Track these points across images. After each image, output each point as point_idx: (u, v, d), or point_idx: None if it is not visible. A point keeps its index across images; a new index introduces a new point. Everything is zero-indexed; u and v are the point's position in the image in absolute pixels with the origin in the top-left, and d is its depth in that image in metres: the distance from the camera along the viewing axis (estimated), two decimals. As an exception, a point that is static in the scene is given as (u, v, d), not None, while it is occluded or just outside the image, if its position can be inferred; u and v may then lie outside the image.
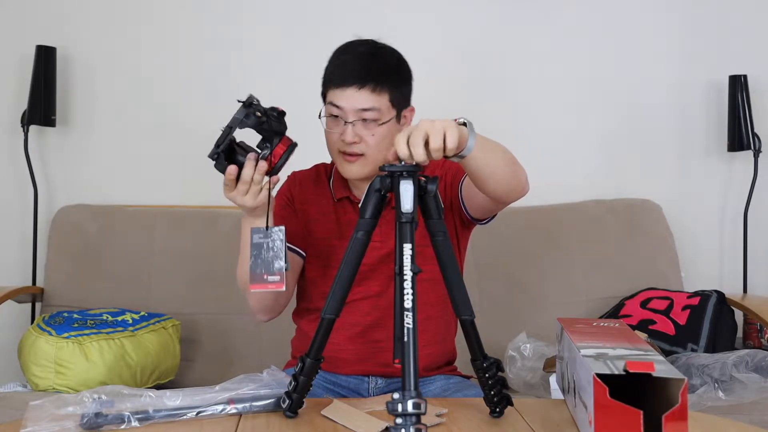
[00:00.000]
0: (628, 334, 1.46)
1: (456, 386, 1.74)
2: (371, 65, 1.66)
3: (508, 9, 2.91)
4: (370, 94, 1.64)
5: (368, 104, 1.64)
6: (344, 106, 1.64)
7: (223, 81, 2.84)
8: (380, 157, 1.66)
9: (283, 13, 2.87)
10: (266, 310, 1.73)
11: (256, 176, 1.48)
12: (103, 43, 2.84)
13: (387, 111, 1.67)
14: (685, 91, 2.97)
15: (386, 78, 1.66)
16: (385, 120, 1.66)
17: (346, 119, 1.65)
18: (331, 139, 1.69)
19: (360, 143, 1.65)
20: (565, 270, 2.67)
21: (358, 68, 1.65)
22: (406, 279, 1.23)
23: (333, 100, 1.66)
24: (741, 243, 2.90)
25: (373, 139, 1.65)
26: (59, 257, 2.61)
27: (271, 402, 1.42)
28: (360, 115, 1.64)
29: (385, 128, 1.67)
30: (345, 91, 1.64)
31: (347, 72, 1.65)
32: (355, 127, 1.65)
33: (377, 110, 1.65)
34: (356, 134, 1.65)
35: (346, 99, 1.64)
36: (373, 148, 1.66)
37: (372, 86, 1.64)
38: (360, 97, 1.64)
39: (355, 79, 1.64)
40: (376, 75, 1.65)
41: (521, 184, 1.60)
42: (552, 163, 2.92)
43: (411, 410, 1.14)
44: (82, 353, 2.16)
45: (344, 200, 1.76)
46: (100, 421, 1.32)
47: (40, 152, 2.81)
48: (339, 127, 1.66)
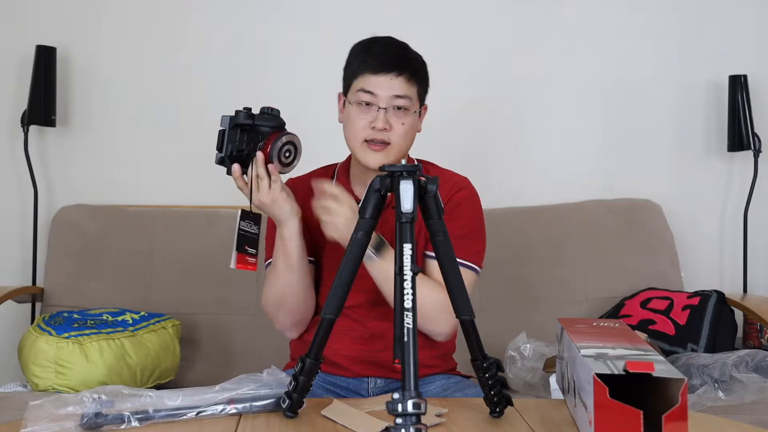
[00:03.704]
0: (628, 334, 1.46)
1: (456, 386, 1.74)
2: (407, 56, 1.72)
3: (509, 9, 2.91)
4: (405, 83, 1.69)
5: (402, 91, 1.69)
6: (379, 93, 1.68)
7: (223, 81, 2.84)
8: (404, 148, 1.72)
9: (286, 12, 2.86)
10: (297, 325, 1.77)
11: (258, 170, 1.55)
12: (103, 43, 2.84)
13: (415, 102, 1.72)
14: (685, 91, 2.97)
15: (418, 70, 1.72)
16: (414, 110, 1.71)
17: (380, 105, 1.67)
18: (357, 127, 1.70)
19: (389, 131, 1.68)
20: (565, 270, 2.67)
21: (396, 57, 1.70)
22: (406, 279, 1.23)
23: (366, 86, 1.68)
24: (741, 243, 2.90)
25: (402, 128, 1.69)
26: (59, 257, 2.61)
27: (271, 402, 1.42)
28: (393, 102, 1.68)
29: (412, 119, 1.71)
30: (382, 78, 1.68)
31: (386, 59, 1.69)
32: (387, 113, 1.68)
33: (409, 99, 1.69)
34: (387, 121, 1.67)
35: (383, 85, 1.68)
36: (399, 137, 1.69)
37: (408, 75, 1.69)
38: (396, 84, 1.68)
39: (393, 66, 1.68)
40: (412, 65, 1.71)
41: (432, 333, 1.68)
42: (552, 163, 2.93)
43: (411, 410, 1.14)
44: (82, 353, 2.16)
45: None
46: (100, 421, 1.32)
47: (40, 152, 2.81)
48: (369, 115, 1.68)
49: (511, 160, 2.92)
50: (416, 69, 1.72)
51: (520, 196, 2.83)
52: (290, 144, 1.60)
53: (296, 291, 1.70)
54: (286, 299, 1.71)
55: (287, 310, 1.73)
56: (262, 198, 1.59)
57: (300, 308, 1.73)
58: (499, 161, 2.89)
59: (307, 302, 1.74)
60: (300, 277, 1.69)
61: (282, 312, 1.74)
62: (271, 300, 1.73)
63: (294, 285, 1.69)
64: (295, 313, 1.74)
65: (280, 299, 1.72)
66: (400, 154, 1.71)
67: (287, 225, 1.64)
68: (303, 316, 1.75)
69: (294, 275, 1.68)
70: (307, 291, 1.72)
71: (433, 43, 2.82)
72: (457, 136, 2.85)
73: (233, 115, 1.56)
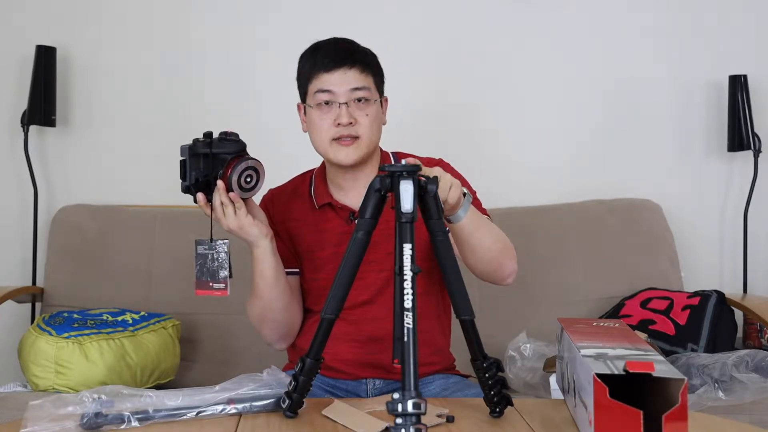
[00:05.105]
0: (628, 334, 1.46)
1: (456, 386, 1.74)
2: (354, 49, 1.73)
3: (509, 9, 2.91)
4: (359, 74, 1.69)
5: (359, 83, 1.69)
6: (336, 89, 1.68)
7: (223, 81, 2.84)
8: (373, 140, 1.72)
9: (286, 13, 2.86)
10: (284, 338, 1.78)
11: (221, 197, 1.56)
12: (103, 43, 2.84)
13: (374, 92, 1.72)
14: (685, 91, 2.97)
15: (369, 62, 1.73)
16: (374, 100, 1.71)
17: (339, 101, 1.67)
18: (322, 128, 1.70)
19: (355, 125, 1.68)
20: (565, 270, 2.67)
21: (344, 52, 1.71)
22: (406, 279, 1.23)
23: (322, 86, 1.69)
24: (741, 243, 2.90)
25: (367, 119, 1.69)
26: (59, 257, 2.61)
27: (271, 402, 1.42)
28: (352, 95, 1.68)
29: (375, 110, 1.71)
30: (335, 73, 1.68)
31: (335, 55, 1.69)
32: (349, 107, 1.67)
33: (368, 89, 1.70)
34: (351, 115, 1.67)
35: (338, 80, 1.68)
36: (366, 128, 1.69)
37: (360, 67, 1.70)
38: (350, 77, 1.68)
39: (343, 61, 1.69)
40: (361, 57, 1.72)
41: (502, 276, 1.71)
42: (552, 163, 2.93)
43: (411, 410, 1.14)
44: (82, 353, 2.16)
45: (325, 207, 1.77)
46: (100, 421, 1.32)
47: (40, 152, 2.81)
48: (331, 113, 1.68)
49: (511, 159, 2.92)
50: (367, 61, 1.72)
51: (520, 196, 2.83)
52: (250, 169, 1.57)
53: (276, 308, 1.71)
54: (267, 315, 1.72)
55: (270, 326, 1.75)
56: (229, 224, 1.58)
57: (282, 323, 1.74)
58: (498, 161, 2.89)
59: (289, 317, 1.75)
60: (278, 294, 1.69)
61: (265, 327, 1.75)
62: (253, 317, 1.75)
63: (273, 303, 1.70)
64: (279, 328, 1.75)
65: (261, 317, 1.73)
66: (371, 146, 1.71)
67: (258, 246, 1.64)
68: (288, 329, 1.76)
69: (272, 293, 1.68)
70: (287, 307, 1.73)
71: (432, 44, 2.86)
72: (458, 136, 2.86)
73: (191, 145, 1.56)
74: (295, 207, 1.80)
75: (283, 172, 1.87)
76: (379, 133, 1.75)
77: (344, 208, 1.74)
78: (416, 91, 2.76)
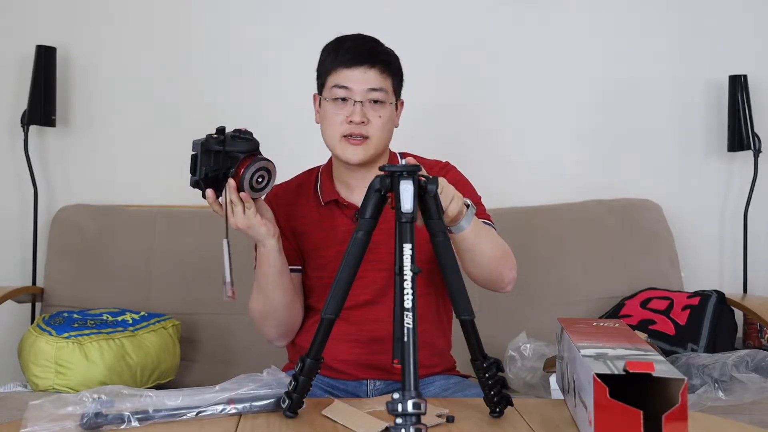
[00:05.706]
0: (628, 334, 1.46)
1: (456, 386, 1.74)
2: (379, 50, 1.72)
3: (509, 9, 2.91)
4: (378, 75, 1.69)
5: (377, 84, 1.68)
6: (354, 86, 1.68)
7: (223, 81, 2.84)
8: (383, 142, 1.72)
9: (287, 13, 2.86)
10: (285, 335, 1.78)
11: (231, 196, 1.54)
12: (103, 43, 2.84)
13: (390, 95, 1.71)
14: (685, 91, 2.97)
15: (390, 64, 1.72)
16: (390, 102, 1.71)
17: (355, 99, 1.67)
18: (334, 123, 1.70)
19: (367, 124, 1.68)
20: (565, 270, 2.67)
21: (368, 50, 1.70)
22: (406, 279, 1.22)
23: (340, 81, 1.68)
24: (741, 243, 2.91)
25: (380, 121, 1.69)
26: (59, 257, 2.61)
27: (271, 402, 1.42)
28: (368, 95, 1.68)
29: (389, 112, 1.71)
30: (355, 71, 1.68)
31: (358, 53, 1.69)
32: (364, 107, 1.67)
33: (384, 91, 1.69)
34: (364, 115, 1.67)
35: (356, 78, 1.68)
36: (378, 130, 1.69)
37: (381, 68, 1.69)
38: (369, 77, 1.68)
39: (365, 59, 1.68)
40: (384, 58, 1.71)
41: (501, 284, 1.72)
42: (552, 163, 2.93)
43: (411, 410, 1.14)
44: (82, 353, 2.16)
45: (331, 204, 1.77)
46: (100, 421, 1.32)
47: (40, 152, 2.81)
48: (345, 110, 1.68)
49: (511, 159, 2.92)
50: (389, 62, 1.72)
51: (520, 196, 2.83)
52: (263, 170, 1.55)
53: (278, 306, 1.71)
54: (269, 313, 1.72)
55: (272, 323, 1.74)
56: (237, 223, 1.57)
57: (284, 321, 1.74)
58: (499, 161, 2.89)
59: (290, 316, 1.75)
60: (281, 293, 1.69)
61: (267, 325, 1.75)
62: (255, 313, 1.75)
63: (276, 300, 1.70)
64: (280, 326, 1.75)
65: (263, 314, 1.73)
66: (380, 148, 1.71)
67: (264, 245, 1.64)
68: (289, 327, 1.76)
69: (276, 290, 1.68)
70: (290, 305, 1.73)
71: (433, 43, 2.86)
72: (457, 136, 2.86)
73: (204, 141, 1.53)
74: (300, 203, 1.80)
75: (283, 172, 1.86)
76: (390, 135, 1.74)
77: (350, 206, 1.74)
78: (416, 91, 2.75)
